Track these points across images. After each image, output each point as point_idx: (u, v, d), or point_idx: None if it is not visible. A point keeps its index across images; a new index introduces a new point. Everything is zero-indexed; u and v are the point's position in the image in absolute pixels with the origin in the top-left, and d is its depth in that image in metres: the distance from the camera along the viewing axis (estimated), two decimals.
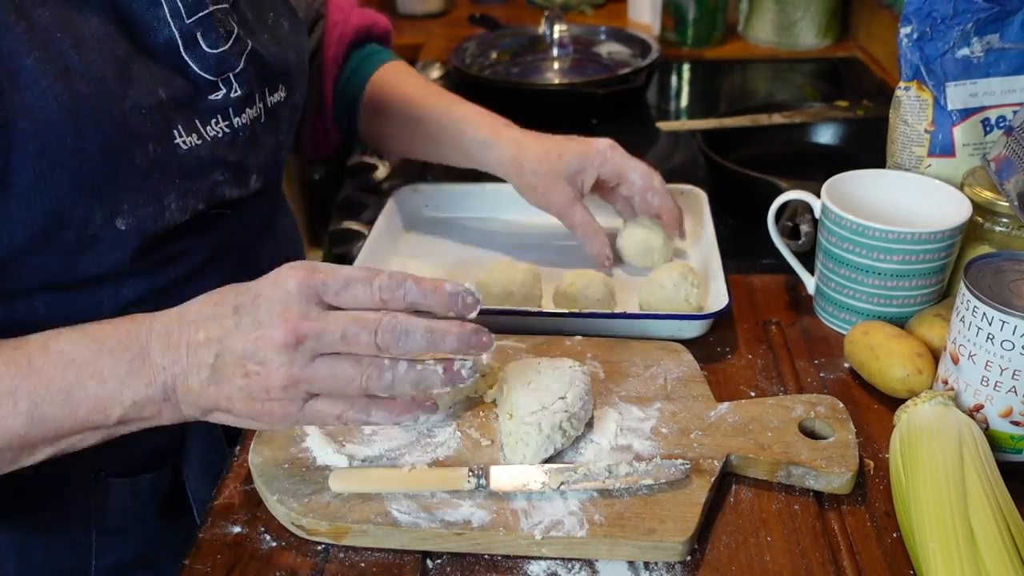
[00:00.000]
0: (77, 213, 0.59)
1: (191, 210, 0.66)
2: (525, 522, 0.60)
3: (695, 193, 0.98)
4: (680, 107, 1.52)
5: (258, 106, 0.71)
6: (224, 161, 0.68)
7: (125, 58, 0.60)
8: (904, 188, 0.82)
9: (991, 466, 0.60)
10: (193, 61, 0.65)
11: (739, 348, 0.80)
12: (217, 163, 0.68)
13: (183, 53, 0.64)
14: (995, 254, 0.67)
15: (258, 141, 0.72)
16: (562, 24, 1.52)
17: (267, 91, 0.73)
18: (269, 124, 0.74)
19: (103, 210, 0.60)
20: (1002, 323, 0.61)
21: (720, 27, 1.66)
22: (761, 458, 0.64)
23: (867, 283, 0.77)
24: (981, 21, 0.79)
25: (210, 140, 0.66)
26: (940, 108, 0.81)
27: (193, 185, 0.66)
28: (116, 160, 0.59)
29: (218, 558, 0.61)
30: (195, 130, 0.65)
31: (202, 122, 0.66)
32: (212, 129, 0.67)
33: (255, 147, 0.72)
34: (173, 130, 0.63)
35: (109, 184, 0.60)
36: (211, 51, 0.66)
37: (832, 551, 0.60)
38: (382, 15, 1.03)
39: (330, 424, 0.58)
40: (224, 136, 0.68)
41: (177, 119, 0.64)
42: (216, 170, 0.68)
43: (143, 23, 0.62)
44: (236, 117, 0.68)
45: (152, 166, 0.62)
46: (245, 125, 0.70)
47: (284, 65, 0.75)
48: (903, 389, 0.70)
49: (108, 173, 0.60)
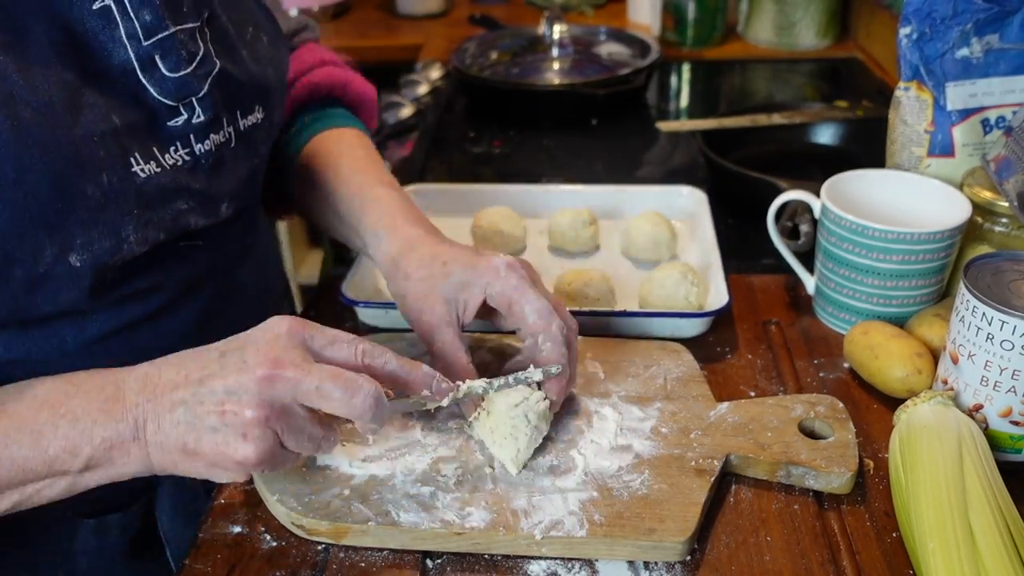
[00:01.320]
0: (24, 250, 0.55)
1: (151, 241, 0.62)
2: (525, 522, 0.60)
3: (695, 194, 0.98)
4: (680, 107, 1.52)
5: (226, 130, 0.67)
6: (188, 189, 0.64)
7: (75, 83, 0.57)
8: (904, 188, 0.82)
9: (991, 466, 0.60)
10: (151, 85, 0.61)
11: (739, 348, 0.80)
12: (180, 191, 0.64)
13: (140, 77, 0.60)
14: (995, 254, 0.67)
15: (226, 167, 0.68)
16: (562, 24, 1.52)
17: (239, 114, 0.68)
18: (241, 148, 0.69)
19: (53, 246, 0.56)
20: (1002, 323, 0.61)
21: (720, 27, 1.66)
22: (761, 458, 0.64)
23: (867, 283, 0.77)
24: (980, 21, 0.79)
25: (169, 168, 0.62)
26: (940, 108, 0.81)
27: (153, 215, 0.62)
28: (66, 192, 0.55)
29: (218, 558, 0.61)
30: (153, 158, 0.61)
31: (160, 149, 0.62)
32: (171, 157, 0.63)
33: (222, 173, 0.67)
34: (130, 158, 0.59)
35: (60, 218, 0.56)
36: (171, 75, 0.62)
37: (832, 551, 0.60)
38: (362, 80, 0.93)
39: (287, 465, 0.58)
40: (184, 164, 0.64)
41: (133, 146, 0.60)
42: (179, 199, 0.64)
43: (96, 44, 0.58)
44: (199, 143, 0.64)
45: (107, 197, 0.58)
46: (209, 151, 0.65)
47: (262, 84, 0.71)
48: (903, 389, 0.70)
49: (58, 206, 0.55)
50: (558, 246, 0.95)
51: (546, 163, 1.24)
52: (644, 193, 1.00)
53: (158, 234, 0.62)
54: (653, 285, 0.82)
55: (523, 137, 1.32)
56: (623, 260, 0.94)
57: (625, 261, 0.94)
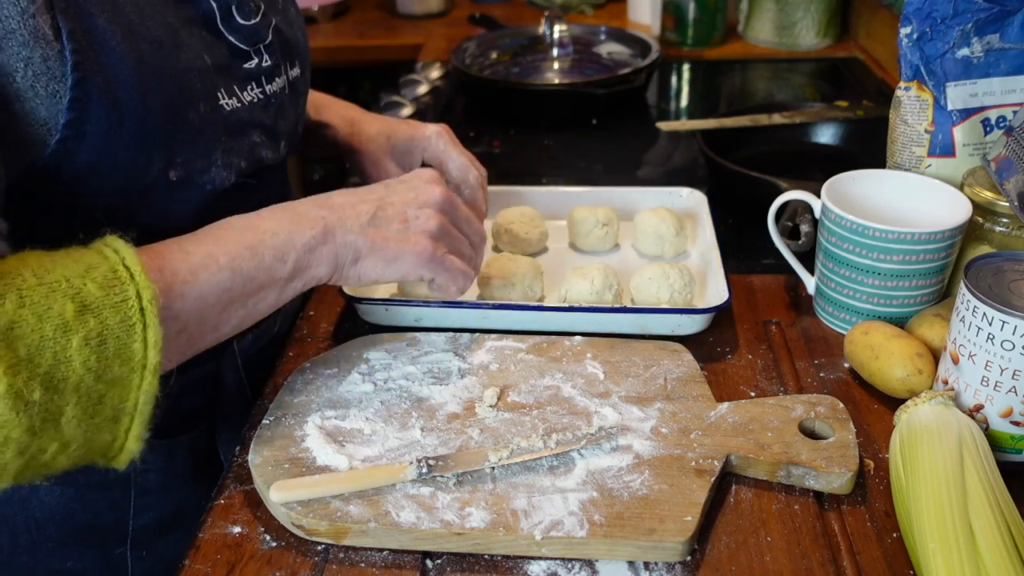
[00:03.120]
0: (139, 163, 0.64)
1: (235, 168, 0.72)
2: (525, 522, 0.60)
3: (695, 195, 0.98)
4: (680, 107, 1.52)
5: (283, 77, 0.78)
6: (260, 124, 0.75)
7: (175, 24, 0.66)
8: (904, 188, 0.82)
9: (991, 466, 0.60)
10: (229, 32, 0.71)
11: (739, 348, 0.80)
12: (255, 125, 0.74)
13: (220, 24, 0.70)
14: (995, 254, 0.67)
15: (285, 109, 0.79)
16: (562, 24, 1.52)
17: (288, 65, 0.79)
18: (291, 96, 0.80)
19: (160, 161, 0.65)
20: (1002, 323, 0.61)
21: (720, 27, 1.66)
22: (761, 458, 0.64)
23: (867, 283, 0.77)
24: (981, 21, 0.79)
25: (247, 104, 0.73)
26: (940, 108, 0.81)
27: (236, 144, 0.72)
28: (175, 116, 0.65)
29: (218, 558, 0.61)
30: (235, 94, 0.71)
31: (240, 87, 0.72)
32: (248, 94, 0.73)
33: (284, 114, 0.78)
34: (217, 92, 0.69)
35: (168, 137, 0.65)
36: (244, 23, 0.72)
37: (832, 551, 0.60)
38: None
39: (443, 278, 0.73)
40: (259, 101, 0.74)
41: (220, 83, 0.70)
42: (254, 132, 0.74)
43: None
44: (268, 84, 0.75)
45: (203, 123, 0.67)
46: (275, 93, 0.76)
47: (296, 44, 0.82)
48: (903, 389, 0.70)
49: (169, 127, 0.64)
50: (577, 245, 0.96)
51: (546, 163, 1.24)
52: (643, 193, 1.00)
53: (240, 162, 0.72)
54: (633, 283, 0.83)
55: (523, 137, 1.32)
56: (636, 258, 0.94)
57: (637, 257, 0.94)
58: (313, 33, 1.82)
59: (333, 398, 0.71)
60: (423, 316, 0.81)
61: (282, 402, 0.71)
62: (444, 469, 0.63)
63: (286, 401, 0.71)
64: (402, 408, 0.70)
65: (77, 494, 0.76)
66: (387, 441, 0.67)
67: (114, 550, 0.78)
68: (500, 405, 0.70)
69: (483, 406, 0.70)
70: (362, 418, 0.69)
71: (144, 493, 0.78)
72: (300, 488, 0.62)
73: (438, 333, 0.79)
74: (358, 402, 0.71)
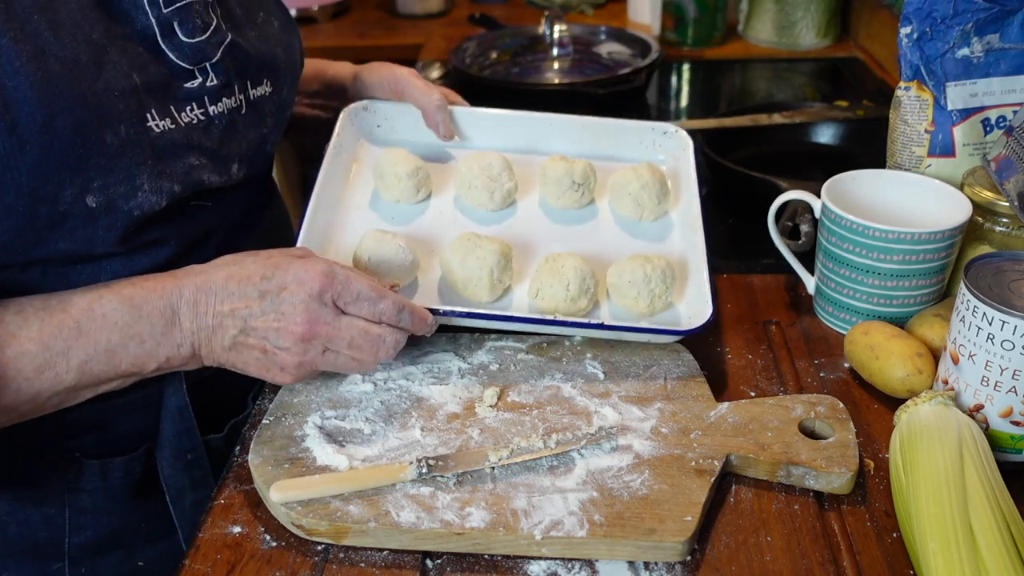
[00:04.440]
0: (47, 189, 0.61)
1: (167, 193, 0.68)
2: (525, 522, 0.60)
3: (679, 136, 0.94)
4: (680, 107, 1.52)
5: (238, 97, 0.74)
6: (200, 147, 0.71)
7: (101, 42, 0.63)
8: (904, 188, 0.82)
9: (991, 466, 0.60)
10: (170, 49, 0.68)
11: (739, 348, 0.80)
12: (193, 148, 0.70)
13: (160, 41, 0.67)
14: (995, 254, 0.67)
15: (238, 131, 0.75)
16: (562, 24, 1.52)
17: (249, 84, 0.76)
18: (251, 116, 0.76)
19: (73, 187, 0.63)
20: (1002, 323, 0.61)
21: (720, 27, 1.66)
22: (761, 458, 0.64)
23: (867, 283, 0.77)
24: (981, 21, 0.79)
25: (184, 125, 0.69)
26: (940, 108, 0.81)
27: (167, 167, 0.68)
28: (87, 139, 0.62)
29: (218, 558, 0.61)
30: (169, 115, 0.68)
31: (177, 108, 0.69)
32: (187, 115, 0.70)
33: (234, 136, 0.75)
34: (146, 113, 0.66)
35: (80, 162, 0.62)
36: (187, 40, 0.69)
37: (832, 551, 0.60)
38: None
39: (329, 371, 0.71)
40: (199, 123, 0.71)
41: (151, 103, 0.66)
42: (191, 155, 0.70)
43: (122, 10, 0.66)
44: (212, 105, 0.72)
45: (123, 146, 0.64)
46: (222, 114, 0.73)
47: (271, 61, 0.78)
48: (903, 389, 0.70)
49: (79, 151, 0.62)
50: (549, 203, 0.89)
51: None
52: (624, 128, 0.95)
53: (173, 186, 0.69)
54: (611, 279, 0.78)
55: None
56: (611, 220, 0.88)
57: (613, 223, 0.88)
58: (313, 33, 1.83)
59: (333, 398, 0.71)
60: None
61: (282, 402, 0.71)
62: (444, 469, 0.63)
63: (286, 401, 0.71)
64: (402, 408, 0.70)
65: (10, 508, 0.76)
66: (387, 441, 0.67)
67: (51, 566, 0.78)
68: (500, 405, 0.70)
69: (483, 406, 0.70)
70: (362, 418, 0.69)
71: (79, 512, 0.77)
72: (300, 488, 0.62)
73: (438, 333, 0.78)
74: (358, 402, 0.71)
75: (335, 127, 0.91)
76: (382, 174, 0.87)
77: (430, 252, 0.83)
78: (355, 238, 0.81)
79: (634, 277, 0.76)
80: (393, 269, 0.77)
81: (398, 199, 0.88)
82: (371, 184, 0.90)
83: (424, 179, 0.88)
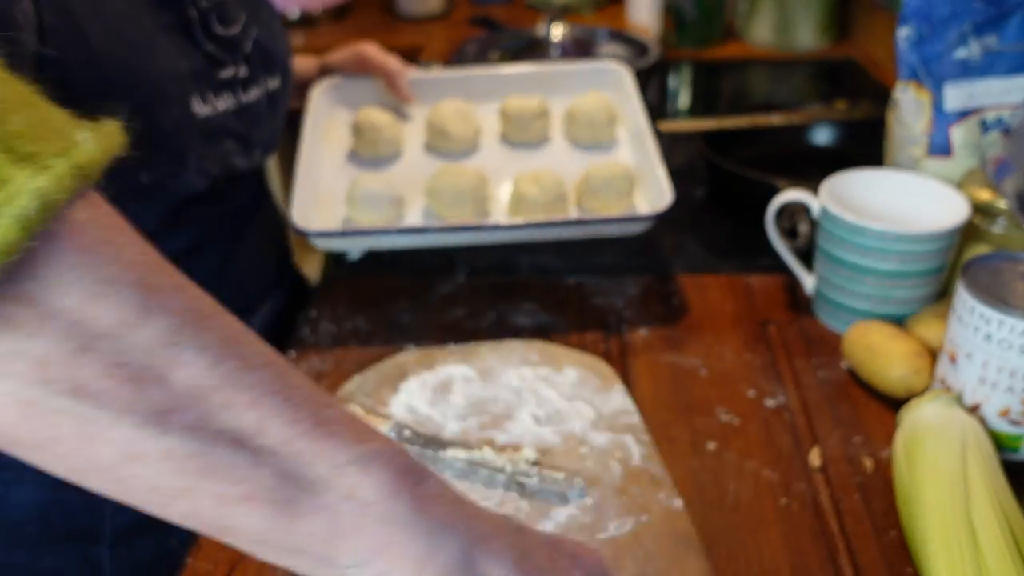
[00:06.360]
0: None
1: (208, 175, 0.73)
2: None
3: (619, 71, 1.05)
4: (680, 107, 1.52)
5: (260, 88, 0.80)
6: (234, 132, 0.76)
7: (152, 30, 0.68)
8: (902, 188, 0.83)
9: (994, 467, 0.60)
10: (208, 40, 0.73)
11: (738, 348, 0.80)
12: (228, 134, 0.76)
13: (200, 32, 0.72)
14: (993, 254, 0.67)
15: (262, 118, 0.81)
16: (562, 25, 1.52)
17: (267, 76, 0.81)
18: (269, 107, 0.82)
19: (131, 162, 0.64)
20: (999, 322, 0.61)
21: (719, 28, 1.66)
22: None
23: (865, 283, 0.77)
24: (979, 22, 0.79)
25: (220, 112, 0.74)
26: (938, 109, 0.82)
27: (209, 151, 0.73)
28: (147, 119, 0.65)
29: (220, 556, 0.61)
30: (208, 101, 0.73)
31: (215, 95, 0.74)
32: (223, 102, 0.75)
33: (259, 124, 0.80)
34: (191, 98, 0.71)
35: (140, 140, 0.63)
36: (224, 33, 0.74)
37: (831, 551, 0.60)
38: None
39: None
40: (232, 110, 0.76)
41: (194, 89, 0.71)
42: (228, 140, 0.76)
43: (168, 2, 0.70)
44: (243, 94, 0.77)
45: (176, 127, 0.69)
46: (250, 103, 0.78)
47: (281, 56, 0.85)
48: (902, 389, 0.70)
49: (141, 130, 0.63)
50: (511, 138, 1.00)
51: None
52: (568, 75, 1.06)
53: (212, 168, 0.73)
54: (582, 191, 0.87)
55: None
56: (570, 147, 0.99)
57: (573, 148, 0.99)
58: (313, 35, 1.83)
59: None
60: (379, 242, 0.86)
61: None
62: (413, 441, 0.64)
63: None
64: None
65: (53, 497, 0.76)
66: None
67: (90, 549, 0.79)
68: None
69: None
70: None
71: None
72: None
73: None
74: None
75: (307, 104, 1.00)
76: (360, 131, 0.96)
77: (414, 191, 0.90)
78: (342, 194, 0.89)
79: (600, 181, 0.86)
80: (383, 203, 0.86)
81: (376, 154, 0.97)
82: (347, 145, 0.99)
83: (398, 132, 0.98)
